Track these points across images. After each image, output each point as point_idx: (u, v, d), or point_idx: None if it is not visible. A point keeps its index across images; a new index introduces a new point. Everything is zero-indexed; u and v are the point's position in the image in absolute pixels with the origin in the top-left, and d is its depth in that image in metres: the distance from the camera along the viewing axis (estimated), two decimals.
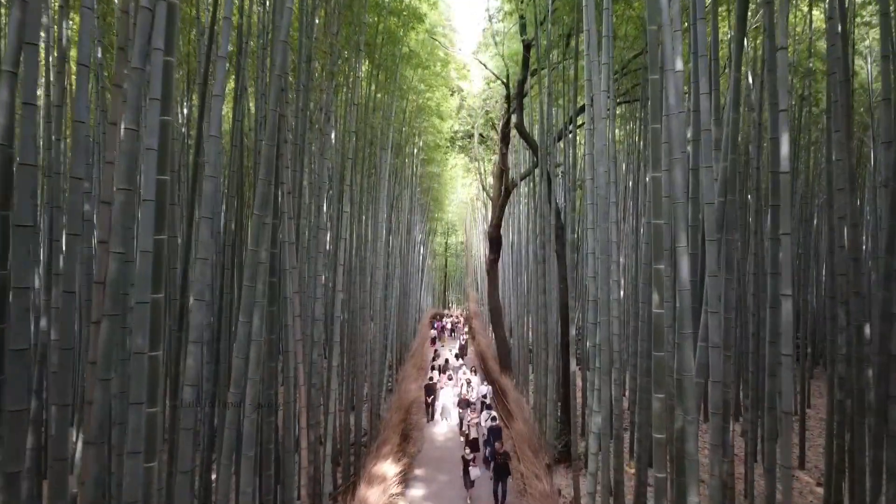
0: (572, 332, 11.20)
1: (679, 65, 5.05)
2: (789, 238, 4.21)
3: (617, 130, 14.71)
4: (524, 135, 15.60)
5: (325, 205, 12.18)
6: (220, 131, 5.17)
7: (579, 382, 15.12)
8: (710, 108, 5.64)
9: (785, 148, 4.31)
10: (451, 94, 21.73)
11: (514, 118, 20.75)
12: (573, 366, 11.08)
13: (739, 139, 9.04)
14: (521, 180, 19.84)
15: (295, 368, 7.88)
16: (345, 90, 14.58)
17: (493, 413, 13.10)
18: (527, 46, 15.25)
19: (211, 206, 5.13)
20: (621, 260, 10.12)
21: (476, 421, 12.57)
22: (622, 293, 9.10)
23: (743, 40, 6.27)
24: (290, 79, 10.11)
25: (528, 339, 22.43)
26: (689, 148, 6.70)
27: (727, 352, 6.19)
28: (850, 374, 7.20)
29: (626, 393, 15.37)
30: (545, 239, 13.62)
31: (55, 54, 8.33)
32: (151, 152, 4.21)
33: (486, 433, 12.55)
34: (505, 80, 18.92)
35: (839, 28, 6.88)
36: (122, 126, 3.79)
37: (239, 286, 8.72)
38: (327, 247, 13.36)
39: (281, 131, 7.70)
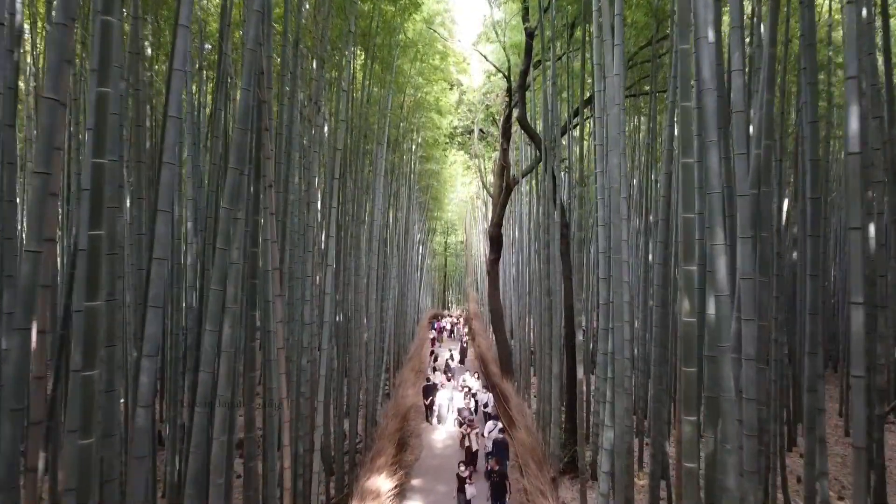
0: (579, 336, 10.52)
1: (712, 35, 4.35)
2: (859, 234, 3.52)
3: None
4: (527, 129, 14.89)
5: (317, 201, 11.51)
6: (182, 111, 4.47)
7: (585, 388, 14.44)
8: (744, 87, 4.94)
9: (854, 124, 3.61)
10: (451, 88, 21.02)
11: (515, 112, 20.06)
12: (580, 373, 10.37)
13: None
14: (522, 177, 19.13)
15: (277, 379, 7.18)
16: (341, 83, 13.90)
17: (500, 424, 12.30)
18: (529, 34, 14.54)
19: (169, 198, 4.43)
20: (630, 261, 9.42)
21: (478, 431, 11.86)
22: (629, 295, 8.41)
23: (778, 10, 5.58)
24: (276, 65, 9.41)
25: (530, 340, 21.75)
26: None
27: (762, 365, 5.49)
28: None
29: (633, 397, 14.69)
30: (549, 238, 12.92)
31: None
32: (88, 132, 3.50)
33: (488, 446, 11.80)
34: (506, 73, 18.22)
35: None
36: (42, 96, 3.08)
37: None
38: (322, 246, 12.70)
39: (261, 119, 7.01)
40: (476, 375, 18.57)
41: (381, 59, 15.94)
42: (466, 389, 16.90)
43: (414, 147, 24.46)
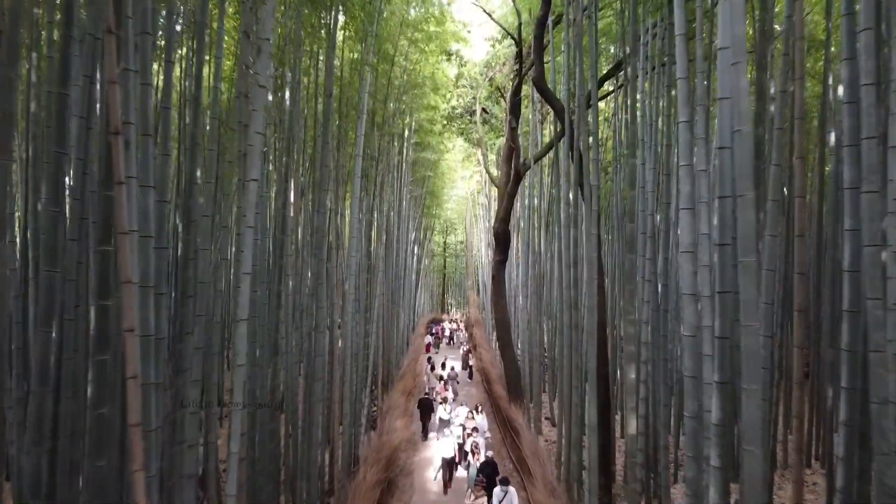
0: (631, 374, 7.32)
1: None
2: None
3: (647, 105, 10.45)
4: (545, 93, 11.66)
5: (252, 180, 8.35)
6: None
7: (642, 445, 11.18)
8: None
9: None
10: (448, 59, 17.80)
11: (523, 88, 16.87)
12: (632, 426, 7.16)
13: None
14: (536, 161, 15.91)
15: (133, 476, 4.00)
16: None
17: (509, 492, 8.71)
18: None
19: None
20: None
21: (482, 499, 8.65)
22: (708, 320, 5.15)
23: None
24: None
25: (541, 346, 18.61)
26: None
27: None
28: None
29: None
30: (577, 234, 9.73)
31: None
32: None
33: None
34: (515, 36, 15.04)
35: None
36: None
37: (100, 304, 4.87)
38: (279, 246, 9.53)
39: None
40: (478, 408, 15.09)
41: (363, 18, 12.76)
42: (464, 430, 13.42)
43: (407, 132, 21.26)
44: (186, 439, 6.44)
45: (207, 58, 7.08)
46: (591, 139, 8.65)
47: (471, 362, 26.61)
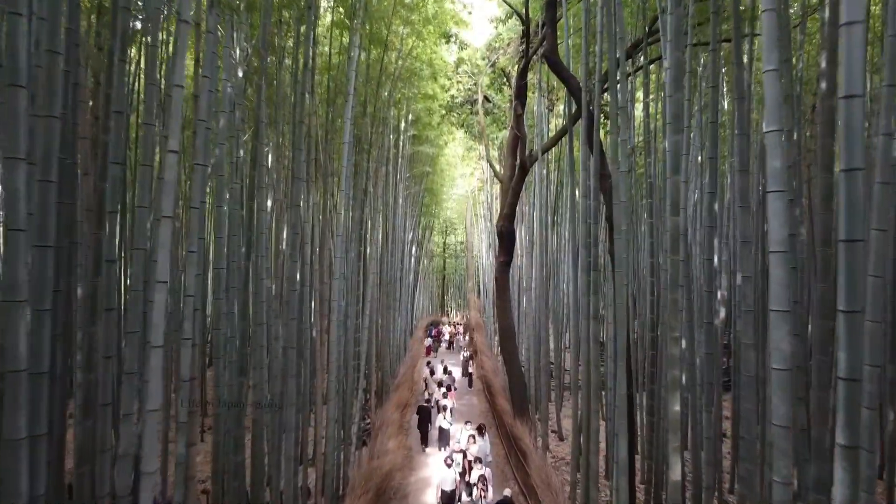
0: (674, 406, 5.86)
1: None
2: None
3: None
4: (559, 68, 10.18)
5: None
6: None
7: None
8: None
9: None
10: (447, 42, 16.35)
11: (529, 71, 15.45)
12: (675, 472, 5.71)
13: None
14: (544, 152, 14.46)
15: None
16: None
17: None
18: None
19: None
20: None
21: None
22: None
23: None
24: None
25: (547, 352, 17.18)
26: None
27: None
28: None
29: None
30: (597, 231, 8.28)
31: None
32: None
33: None
34: (521, 13, 13.59)
35: None
36: None
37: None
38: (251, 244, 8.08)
39: None
40: (482, 430, 13.47)
41: None
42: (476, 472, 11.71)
43: (403, 124, 19.82)
44: (107, 493, 5.03)
45: None
46: (618, 118, 7.19)
47: (471, 369, 25.11)
